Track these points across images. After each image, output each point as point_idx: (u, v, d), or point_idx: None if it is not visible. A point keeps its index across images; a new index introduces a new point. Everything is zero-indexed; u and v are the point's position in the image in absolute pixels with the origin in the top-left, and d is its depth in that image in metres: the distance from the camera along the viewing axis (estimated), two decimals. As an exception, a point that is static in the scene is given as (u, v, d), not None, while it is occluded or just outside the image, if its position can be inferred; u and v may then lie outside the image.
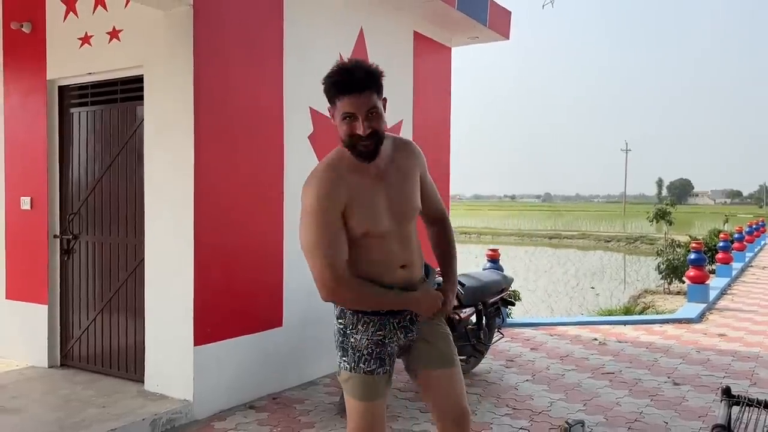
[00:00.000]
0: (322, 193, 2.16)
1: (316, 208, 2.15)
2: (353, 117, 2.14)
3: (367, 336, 2.27)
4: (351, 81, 2.13)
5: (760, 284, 12.11)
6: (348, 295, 2.20)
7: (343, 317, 2.30)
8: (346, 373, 2.32)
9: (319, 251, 2.14)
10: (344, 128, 2.17)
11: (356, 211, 2.19)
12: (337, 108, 2.18)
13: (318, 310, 5.23)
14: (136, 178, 4.66)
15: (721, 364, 5.86)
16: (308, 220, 2.16)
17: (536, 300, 14.78)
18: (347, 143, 2.19)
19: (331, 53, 5.40)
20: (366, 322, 2.27)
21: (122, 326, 4.79)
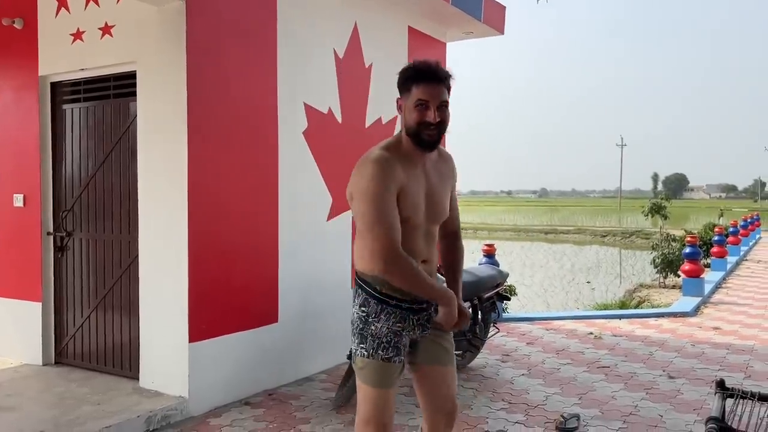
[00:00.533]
0: (385, 172, 2.25)
1: (380, 185, 2.23)
2: (425, 105, 2.29)
3: (388, 325, 2.36)
4: (430, 71, 2.30)
5: (755, 278, 12.16)
6: (403, 270, 2.24)
7: (367, 305, 2.38)
8: (362, 360, 2.39)
9: (383, 225, 2.21)
10: (414, 115, 2.30)
11: (404, 197, 2.30)
12: (411, 95, 2.31)
13: (314, 305, 5.25)
14: (129, 175, 4.64)
15: (716, 357, 5.88)
16: (371, 195, 2.23)
17: (532, 295, 14.80)
18: (413, 130, 2.31)
19: (325, 48, 5.39)
20: (389, 313, 2.36)
21: (117, 323, 4.78)
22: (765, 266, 14.25)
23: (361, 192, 2.26)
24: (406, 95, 2.34)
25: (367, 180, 2.25)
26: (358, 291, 2.44)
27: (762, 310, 8.49)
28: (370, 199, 2.23)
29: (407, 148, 2.36)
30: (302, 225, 5.14)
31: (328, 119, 5.42)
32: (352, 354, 2.44)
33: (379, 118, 6.07)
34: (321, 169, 5.34)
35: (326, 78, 5.42)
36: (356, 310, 2.43)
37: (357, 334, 2.41)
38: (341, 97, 5.56)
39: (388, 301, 2.36)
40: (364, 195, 2.25)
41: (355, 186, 2.30)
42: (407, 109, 2.33)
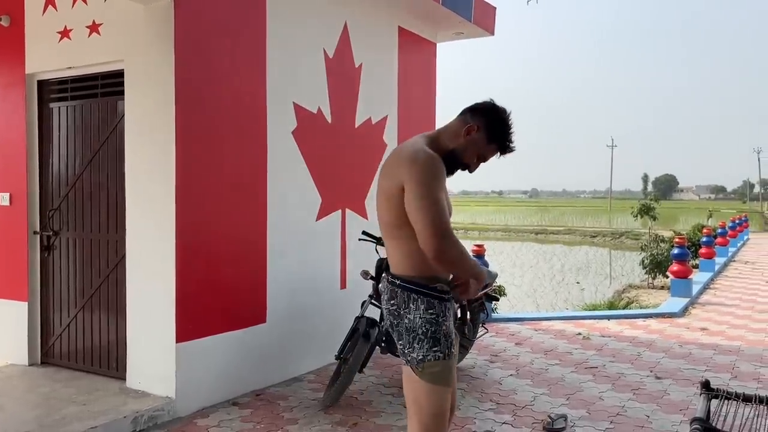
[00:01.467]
0: (441, 168, 2.34)
1: (437, 174, 2.31)
2: (481, 159, 2.52)
3: (450, 321, 2.42)
4: (510, 146, 2.53)
5: (742, 279, 12.25)
6: (455, 247, 2.28)
7: (433, 307, 2.38)
8: (439, 363, 2.36)
9: (438, 209, 2.26)
10: (469, 156, 2.49)
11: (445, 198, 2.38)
12: (486, 145, 2.48)
13: (302, 305, 5.24)
14: (117, 174, 4.61)
15: (703, 358, 5.91)
16: (429, 181, 2.29)
17: (522, 295, 14.85)
18: (455, 161, 2.47)
19: (314, 48, 5.38)
20: (448, 308, 2.42)
21: (103, 323, 4.75)
22: (752, 267, 14.36)
23: (417, 181, 2.29)
24: (483, 140, 2.46)
25: (425, 171, 2.29)
26: (412, 297, 2.39)
27: (749, 311, 8.55)
28: (428, 187, 2.28)
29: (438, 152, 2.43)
30: (291, 225, 5.12)
31: (317, 119, 5.41)
32: (418, 363, 2.36)
33: (368, 118, 6.07)
34: (310, 168, 5.32)
35: (316, 78, 5.40)
36: (420, 315, 2.37)
37: (429, 338, 2.36)
38: (331, 97, 5.55)
39: (443, 296, 2.40)
40: (420, 183, 2.28)
41: (410, 173, 2.31)
42: (471, 146, 2.46)
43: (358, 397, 4.67)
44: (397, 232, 2.41)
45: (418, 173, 2.29)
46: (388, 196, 2.39)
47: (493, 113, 2.48)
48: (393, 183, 2.36)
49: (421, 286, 2.38)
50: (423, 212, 2.25)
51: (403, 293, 2.41)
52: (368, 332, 4.48)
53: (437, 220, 2.24)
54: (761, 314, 8.33)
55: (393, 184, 2.36)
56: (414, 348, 2.37)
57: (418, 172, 2.30)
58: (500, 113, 2.48)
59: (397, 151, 2.47)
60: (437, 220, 2.24)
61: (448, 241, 2.25)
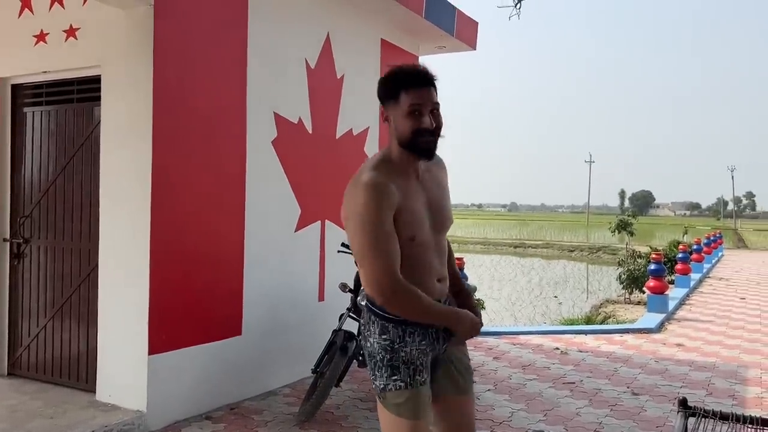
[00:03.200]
0: (379, 197, 2.07)
1: (372, 210, 2.06)
2: (419, 110, 2.13)
3: (416, 347, 2.18)
4: (418, 74, 2.15)
5: (717, 295, 12.39)
6: (405, 303, 2.09)
7: (387, 332, 2.18)
8: (400, 393, 2.15)
9: (377, 256, 2.06)
10: (409, 123, 2.13)
11: (405, 215, 2.13)
12: (400, 102, 2.14)
13: (279, 317, 5.16)
14: (91, 181, 4.52)
15: (679, 374, 5.94)
16: (362, 224, 2.07)
17: (500, 308, 14.86)
18: (408, 139, 2.15)
19: (296, 58, 5.35)
20: (411, 333, 2.18)
21: (74, 334, 4.63)
22: (726, 284, 14.54)
23: (354, 220, 2.10)
24: (394, 103, 2.16)
25: (360, 207, 2.07)
26: (371, 319, 2.22)
27: (723, 327, 8.64)
28: (365, 228, 2.07)
29: (400, 162, 2.19)
30: (269, 235, 5.06)
31: (298, 129, 5.37)
32: (381, 391, 2.18)
33: (349, 130, 6.04)
34: (290, 179, 5.27)
35: (297, 88, 5.37)
36: (376, 340, 2.19)
37: (385, 366, 2.17)
38: (312, 108, 5.52)
39: (405, 321, 2.17)
40: (357, 223, 2.08)
41: (347, 212, 2.14)
42: (398, 118, 2.15)
43: (335, 411, 4.60)
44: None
45: (354, 207, 2.09)
46: (344, 226, 2.23)
47: (378, 89, 2.22)
48: (342, 215, 2.19)
49: (377, 307, 2.20)
50: (363, 264, 2.08)
51: (366, 314, 2.28)
52: (345, 346, 4.43)
53: (374, 277, 2.06)
54: (735, 330, 8.41)
55: (342, 216, 2.19)
56: (375, 375, 2.21)
57: (354, 205, 2.09)
58: (379, 84, 2.23)
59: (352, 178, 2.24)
60: (374, 276, 2.06)
61: (393, 300, 2.07)
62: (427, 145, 2.16)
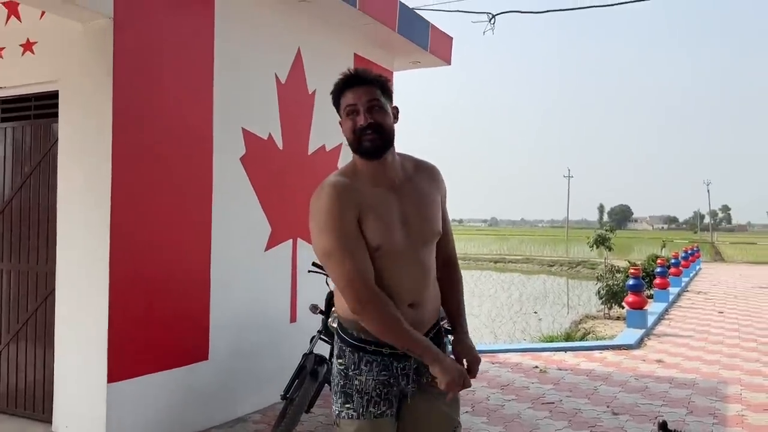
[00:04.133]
0: (339, 199, 2.00)
1: (331, 209, 1.99)
2: (355, 111, 2.07)
3: (373, 377, 2.04)
4: (353, 76, 2.11)
5: (696, 309, 12.39)
6: (377, 315, 1.95)
7: (343, 356, 2.07)
8: (351, 423, 2.03)
9: (344, 257, 1.95)
10: (348, 124, 2.09)
11: (370, 221, 2.02)
12: (341, 107, 2.12)
13: (248, 341, 4.98)
14: (49, 201, 4.33)
15: (659, 392, 5.84)
16: (324, 224, 1.99)
17: (480, 325, 14.75)
18: (352, 142, 2.09)
19: (266, 73, 5.22)
20: (369, 362, 2.04)
21: (30, 361, 4.41)
22: (705, 297, 14.59)
23: (317, 225, 2.02)
24: (339, 111, 2.14)
25: (322, 211, 2.00)
26: (335, 339, 2.16)
27: (703, 342, 8.59)
28: (328, 232, 1.98)
29: (365, 169, 2.09)
30: (237, 255, 4.88)
31: (268, 145, 5.22)
32: (336, 416, 2.08)
33: (322, 146, 5.91)
34: (259, 196, 5.11)
35: (267, 103, 5.23)
36: (335, 362, 2.11)
37: (339, 392, 2.07)
38: (282, 123, 5.38)
39: (365, 347, 2.03)
40: (320, 228, 2.00)
41: (311, 219, 2.06)
42: (343, 124, 2.12)
43: (306, 438, 4.42)
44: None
45: (314, 214, 2.04)
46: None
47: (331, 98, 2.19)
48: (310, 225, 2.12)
49: (341, 328, 2.10)
50: (333, 270, 2.00)
51: (335, 335, 2.18)
52: (316, 370, 4.26)
53: (344, 284, 1.97)
54: (715, 345, 8.37)
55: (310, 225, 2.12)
56: (333, 399, 2.11)
57: (314, 212, 2.04)
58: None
59: None
60: (344, 283, 1.97)
61: (364, 308, 1.96)
62: (370, 143, 2.04)
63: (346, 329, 2.07)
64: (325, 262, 2.02)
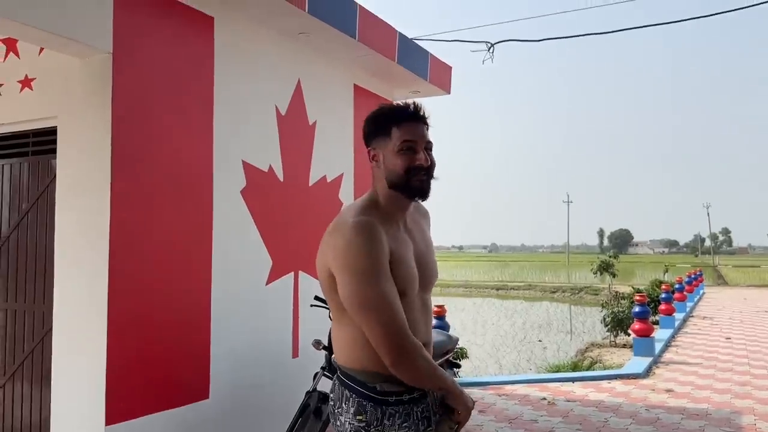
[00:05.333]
0: (374, 240, 1.86)
1: (371, 257, 1.84)
2: (413, 148, 1.98)
3: (395, 430, 1.93)
4: (411, 110, 2.02)
5: (702, 335, 12.24)
6: (416, 363, 1.85)
7: (364, 412, 1.92)
8: None
9: (384, 308, 1.82)
10: (401, 160, 1.97)
11: (396, 267, 1.91)
12: (392, 138, 1.99)
13: (251, 378, 4.86)
14: (46, 239, 4.25)
15: (671, 424, 5.70)
16: (363, 273, 1.83)
17: (484, 355, 14.56)
18: (399, 179, 1.97)
19: (266, 105, 5.19)
20: (391, 414, 1.93)
21: (26, 402, 4.28)
22: (711, 323, 14.43)
23: (347, 270, 1.85)
24: (384, 139, 2.00)
25: (353, 253, 1.85)
26: (345, 394, 1.97)
27: (712, 370, 8.44)
28: (364, 277, 1.83)
29: (387, 207, 2.00)
30: (238, 290, 4.79)
31: (268, 177, 5.17)
32: None
33: (323, 177, 5.86)
34: (260, 229, 5.04)
35: (267, 135, 5.19)
36: (349, 420, 1.94)
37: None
38: (283, 155, 5.33)
39: (387, 400, 1.92)
40: (352, 273, 1.84)
41: (334, 262, 1.89)
42: (389, 155, 1.98)
43: (310, 479, 4.27)
44: (334, 315, 2.02)
45: (345, 256, 1.86)
46: (321, 279, 1.99)
47: (366, 126, 2.08)
48: (321, 265, 1.97)
49: (356, 382, 1.94)
50: (370, 320, 1.83)
51: (339, 388, 2.00)
52: (320, 408, 4.14)
53: (381, 335, 1.82)
54: (724, 373, 8.22)
55: (321, 265, 1.97)
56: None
57: (344, 254, 1.86)
58: (368, 116, 2.10)
59: (330, 225, 2.03)
60: (381, 334, 1.82)
61: (404, 360, 1.84)
62: (421, 185, 1.99)
63: (365, 382, 1.93)
64: (360, 311, 1.86)
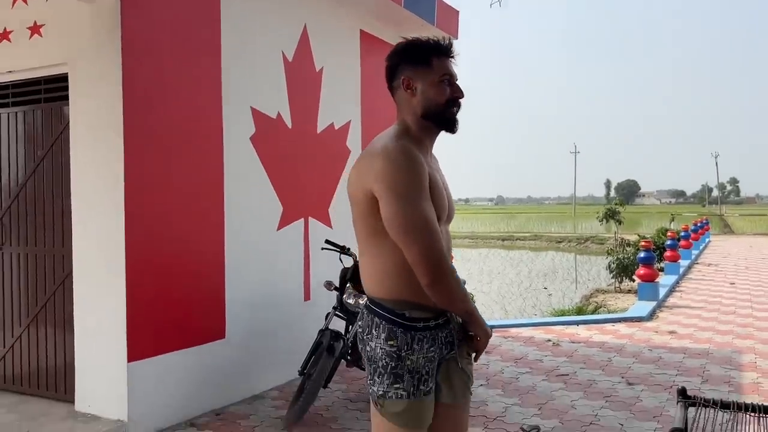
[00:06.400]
0: (417, 163, 1.93)
1: (416, 180, 1.92)
2: (450, 82, 2.08)
3: (423, 354, 2.02)
4: (448, 45, 2.10)
5: (706, 281, 12.37)
6: (451, 286, 1.93)
7: (394, 337, 2.00)
8: (401, 402, 2.00)
9: (426, 231, 1.89)
10: (442, 90, 2.07)
11: (434, 190, 1.98)
12: (433, 68, 2.07)
13: (264, 319, 5.02)
14: (63, 183, 4.34)
15: (673, 362, 5.86)
16: (408, 194, 1.89)
17: (490, 302, 14.78)
18: (440, 108, 2.07)
19: (273, 51, 5.19)
20: (420, 339, 2.01)
21: (50, 343, 4.46)
22: (715, 269, 14.56)
23: (392, 190, 1.89)
24: (425, 69, 2.06)
25: (398, 175, 1.90)
26: (375, 322, 2.03)
27: (715, 313, 8.59)
28: (409, 199, 1.88)
29: (417, 138, 2.05)
30: (250, 235, 4.90)
31: (277, 124, 5.21)
32: (379, 398, 2.03)
33: (331, 124, 5.89)
34: (270, 176, 5.12)
35: (274, 81, 5.21)
36: (380, 345, 2.01)
37: (389, 374, 2.00)
38: (291, 102, 5.36)
39: (416, 326, 2.00)
40: (398, 194, 1.89)
41: (378, 184, 1.91)
42: (427, 86, 2.05)
43: (324, 413, 4.46)
44: (365, 244, 2.07)
45: (389, 178, 1.90)
46: (354, 203, 2.06)
47: (400, 55, 2.12)
48: (359, 189, 2.00)
49: (385, 310, 2.01)
50: (412, 240, 1.89)
51: (368, 316, 2.08)
52: (332, 346, 4.29)
53: (422, 255, 1.88)
54: (727, 316, 8.36)
55: (359, 190, 2.00)
56: (374, 381, 2.04)
57: (389, 176, 1.90)
58: (402, 45, 2.15)
59: (365, 151, 2.07)
60: (422, 253, 1.88)
61: (441, 280, 1.91)
62: (453, 117, 2.10)
63: (394, 310, 2.01)
64: (402, 232, 1.90)
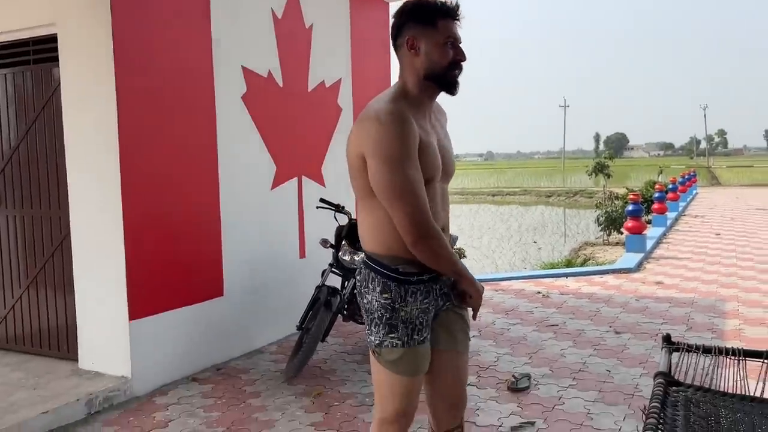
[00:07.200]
0: (405, 128, 1.97)
1: (403, 145, 1.95)
2: (454, 45, 2.10)
3: (417, 306, 2.11)
4: (454, 6, 2.10)
5: (693, 232, 12.59)
6: (435, 247, 2.00)
7: (389, 291, 2.10)
8: (396, 351, 2.10)
9: (413, 194, 1.95)
10: (447, 52, 2.08)
11: (424, 155, 2.02)
12: (438, 29, 2.08)
13: (261, 276, 5.11)
14: (56, 146, 4.35)
15: (659, 311, 6.04)
16: (394, 160, 1.95)
17: (480, 256, 14.99)
18: (443, 69, 2.09)
19: (262, 9, 5.15)
20: (413, 292, 2.11)
21: (51, 303, 4.53)
22: (702, 221, 14.78)
23: (378, 155, 1.96)
24: (431, 30, 2.06)
25: (386, 140, 1.95)
26: (371, 276, 2.13)
27: (700, 263, 8.78)
28: (394, 164, 1.94)
29: (416, 98, 2.10)
30: (245, 194, 4.95)
31: (268, 83, 5.20)
32: (376, 347, 2.13)
33: (321, 82, 5.88)
34: (263, 135, 5.14)
35: (264, 39, 5.18)
36: (376, 297, 2.11)
37: (384, 324, 2.10)
38: (281, 60, 5.34)
39: (409, 279, 2.10)
40: (383, 159, 1.95)
41: (367, 147, 1.98)
42: (431, 47, 2.06)
43: (322, 366, 4.60)
44: (361, 203, 2.14)
45: (377, 142, 1.96)
46: (350, 165, 2.12)
47: (405, 14, 2.11)
48: (353, 151, 2.06)
49: (380, 264, 2.11)
50: (395, 204, 1.96)
51: (365, 270, 2.18)
52: (329, 301, 4.40)
53: (407, 218, 1.95)
54: (712, 266, 8.56)
55: (353, 152, 2.06)
56: (372, 331, 2.16)
57: (377, 140, 1.96)
58: (410, 4, 2.12)
59: (362, 113, 2.11)
60: (407, 217, 1.95)
61: (424, 242, 1.99)
62: (455, 79, 2.13)
63: (388, 265, 2.10)
64: (387, 196, 1.98)
